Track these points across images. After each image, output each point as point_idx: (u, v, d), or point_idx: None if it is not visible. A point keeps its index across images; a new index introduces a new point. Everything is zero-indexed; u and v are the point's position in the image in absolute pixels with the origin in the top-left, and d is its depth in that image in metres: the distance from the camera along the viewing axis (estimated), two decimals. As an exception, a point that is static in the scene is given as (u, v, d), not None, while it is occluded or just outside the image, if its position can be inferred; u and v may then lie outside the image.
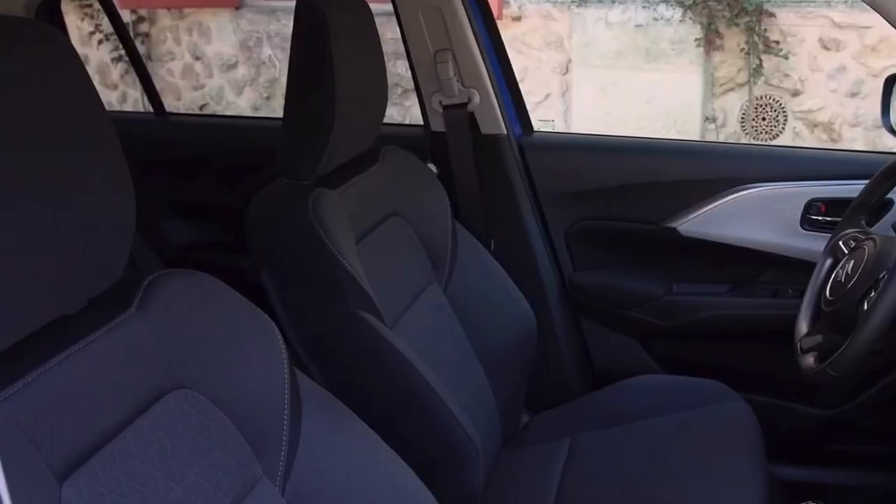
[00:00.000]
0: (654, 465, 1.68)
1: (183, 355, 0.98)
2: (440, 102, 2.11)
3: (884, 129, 2.05)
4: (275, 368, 1.06)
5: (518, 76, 2.29)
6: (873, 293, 1.38)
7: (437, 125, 2.15)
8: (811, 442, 2.15)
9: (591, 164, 2.15)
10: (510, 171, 2.12)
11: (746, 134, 5.41)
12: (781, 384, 2.14)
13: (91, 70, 6.70)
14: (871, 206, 1.67)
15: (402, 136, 2.20)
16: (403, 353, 1.43)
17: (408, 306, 1.63)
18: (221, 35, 6.57)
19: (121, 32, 2.77)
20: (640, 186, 2.09)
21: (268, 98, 6.52)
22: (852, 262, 1.50)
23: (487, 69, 2.09)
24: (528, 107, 2.29)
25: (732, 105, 5.45)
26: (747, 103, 5.39)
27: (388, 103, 1.76)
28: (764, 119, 5.37)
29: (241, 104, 6.65)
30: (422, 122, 2.23)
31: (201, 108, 6.71)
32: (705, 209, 2.02)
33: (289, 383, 1.06)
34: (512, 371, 1.85)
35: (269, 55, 6.45)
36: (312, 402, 1.10)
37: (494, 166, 2.13)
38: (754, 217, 1.99)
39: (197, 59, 6.70)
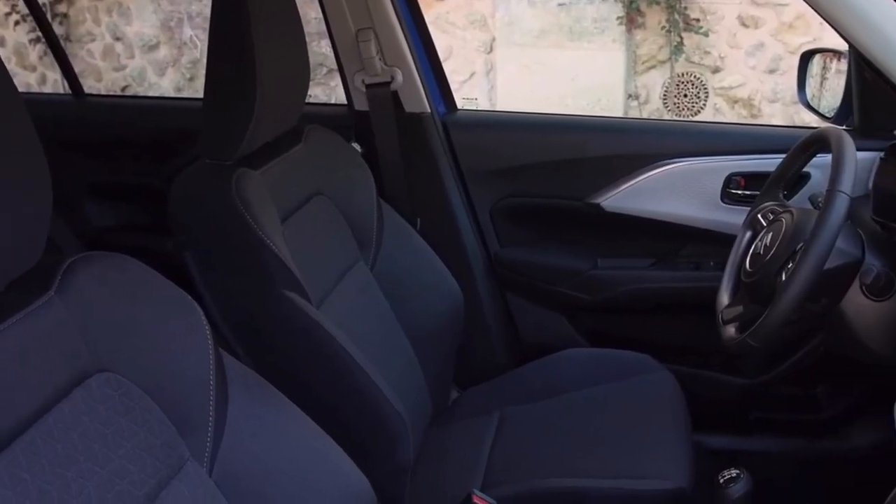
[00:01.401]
0: (581, 436, 1.70)
1: (104, 338, 0.96)
2: (363, 81, 2.10)
3: (801, 104, 2.11)
4: (199, 350, 1.05)
5: (442, 55, 2.28)
6: (791, 264, 1.41)
7: (361, 104, 2.14)
8: (734, 411, 2.19)
9: (515, 141, 2.16)
10: (434, 150, 2.12)
11: (669, 110, 5.49)
12: (705, 355, 2.18)
13: (7, 52, 6.51)
14: (789, 180, 1.71)
15: (326, 116, 2.19)
16: (330, 331, 1.43)
17: (334, 285, 1.62)
18: (142, 15, 6.43)
19: (36, 13, 2.70)
20: (564, 163, 2.11)
21: (191, 79, 6.41)
22: (770, 234, 1.53)
23: (410, 48, 2.08)
24: (454, 86, 2.29)
25: (654, 82, 5.51)
26: (669, 80, 5.47)
27: (314, 83, 1.75)
28: (685, 96, 5.45)
29: (164, 85, 6.52)
30: (346, 102, 2.22)
31: (123, 89, 6.57)
32: (628, 184, 2.04)
33: (214, 364, 1.05)
34: (440, 347, 1.86)
35: (191, 35, 6.33)
36: (239, 382, 1.09)
37: (418, 145, 2.13)
38: (676, 192, 2.02)
39: (117, 39, 6.54)
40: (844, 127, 1.96)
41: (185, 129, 1.64)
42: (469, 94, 5.59)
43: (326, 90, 5.70)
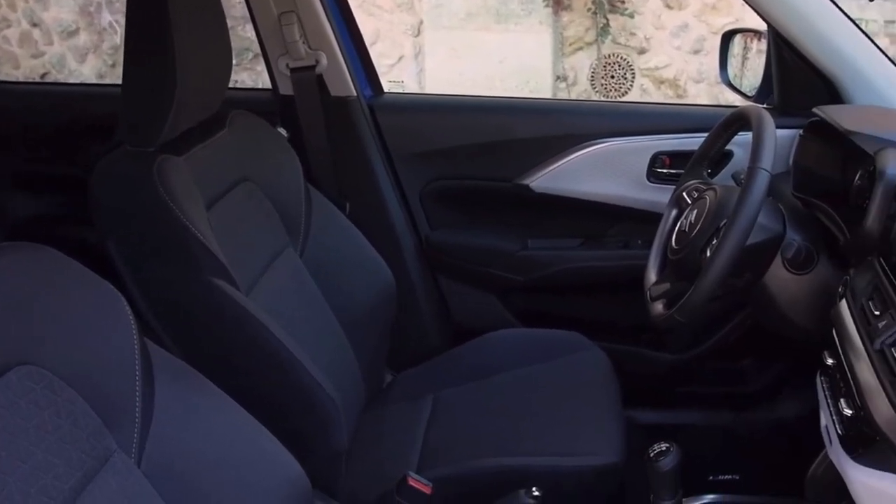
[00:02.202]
0: (516, 415, 1.71)
1: (25, 330, 0.94)
2: (287, 65, 2.08)
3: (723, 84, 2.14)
4: (123, 340, 1.03)
5: (369, 39, 2.27)
6: (715, 241, 1.43)
7: (286, 88, 2.12)
8: (664, 386, 2.23)
9: (443, 124, 2.16)
10: (361, 133, 2.11)
11: (596, 92, 5.54)
12: (635, 332, 2.21)
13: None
14: (712, 158, 1.74)
15: (251, 101, 2.16)
16: (259, 318, 1.42)
17: (263, 272, 1.61)
18: (59, 0, 6.26)
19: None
20: (492, 145, 2.11)
21: (112, 65, 6.26)
22: (695, 211, 1.55)
23: (334, 31, 2.06)
24: (382, 69, 2.28)
25: (582, 64, 5.55)
26: (596, 62, 5.51)
27: (240, 68, 1.73)
28: (612, 77, 5.50)
29: (85, 72, 6.36)
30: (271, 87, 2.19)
31: (42, 76, 6.39)
32: (556, 165, 2.06)
33: (139, 354, 1.03)
34: (372, 331, 1.86)
35: (110, 21, 6.18)
36: (165, 372, 1.07)
37: (345, 128, 2.11)
38: (603, 171, 2.04)
39: (34, 25, 6.36)
40: (765, 105, 2.00)
41: (108, 115, 1.60)
42: (398, 78, 5.57)
43: (253, 75, 5.62)
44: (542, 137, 2.08)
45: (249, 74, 5.59)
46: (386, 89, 2.28)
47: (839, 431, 1.25)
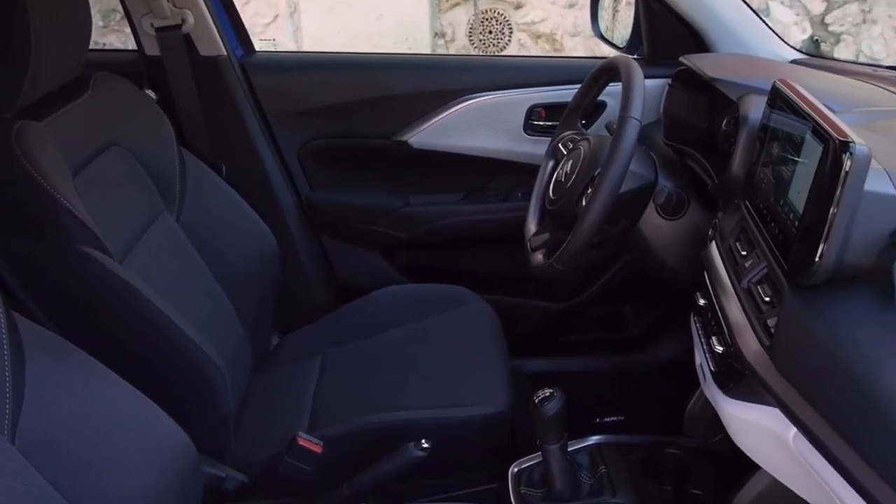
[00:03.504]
0: (404, 370, 1.72)
1: None
2: (152, 25, 2.01)
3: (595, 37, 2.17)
4: None
5: (241, -2, 2.21)
6: (590, 190, 1.46)
7: (152, 49, 2.05)
8: (549, 334, 2.28)
9: (318, 82, 2.13)
10: (234, 94, 2.07)
11: (475, 47, 5.55)
12: (518, 283, 2.25)
13: None
14: (585, 109, 1.77)
15: (117, 63, 2.08)
16: (135, 286, 1.38)
17: (137, 238, 1.56)
18: None
19: None
20: (369, 102, 2.10)
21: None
22: (570, 162, 1.58)
23: None
24: (257, 29, 2.24)
25: (460, 20, 5.55)
26: (473, 17, 5.51)
27: (107, 30, 1.66)
28: (490, 32, 5.51)
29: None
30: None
31: None
32: (434, 121, 2.06)
33: (6, 329, 0.99)
34: (255, 294, 1.83)
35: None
36: (35, 345, 1.04)
37: (217, 89, 2.06)
38: (481, 125, 2.06)
39: None
40: (635, 56, 2.04)
41: None
42: (274, 37, 5.46)
43: (122, 37, 5.41)
44: (419, 93, 2.08)
45: (118, 37, 5.39)
46: (257, 48, 2.23)
47: (712, 368, 1.30)
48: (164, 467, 1.08)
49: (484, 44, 5.53)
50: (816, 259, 0.98)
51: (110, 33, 5.27)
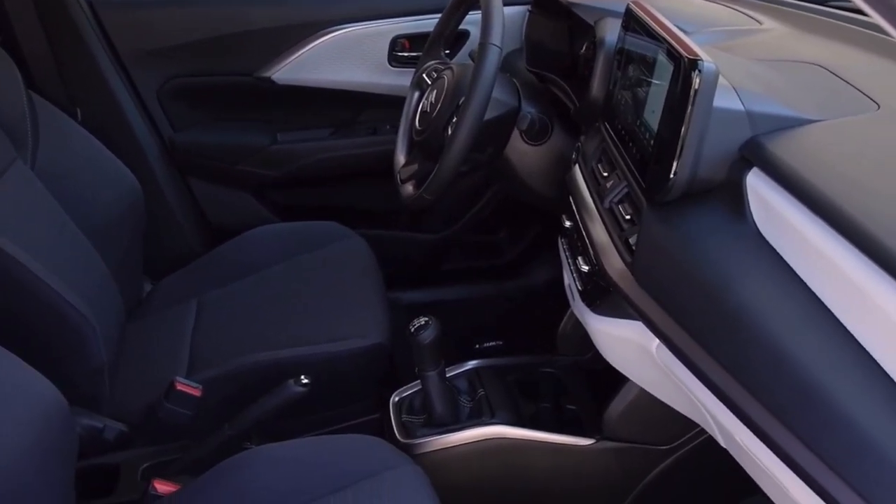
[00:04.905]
0: (281, 309, 1.72)
1: None
2: None
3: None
4: None
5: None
6: (455, 119, 1.47)
7: None
8: (425, 265, 2.30)
9: (174, 17, 2.06)
10: (84, 34, 1.98)
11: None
12: (392, 216, 2.26)
13: None
14: (448, 38, 1.76)
15: None
16: None
17: None
18: None
19: None
20: (228, 38, 2.04)
21: None
22: (435, 91, 1.58)
23: None
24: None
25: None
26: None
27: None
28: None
29: None
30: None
31: None
32: (297, 55, 2.03)
33: None
34: (121, 240, 1.78)
35: None
36: None
37: (65, 29, 1.97)
38: (345, 58, 2.04)
39: None
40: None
41: None
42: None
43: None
44: (279, 27, 2.03)
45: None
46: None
47: (579, 287, 1.34)
48: (31, 422, 1.05)
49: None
50: (671, 176, 1.02)
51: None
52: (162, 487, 1.33)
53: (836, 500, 0.76)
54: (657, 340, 1.06)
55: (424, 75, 1.71)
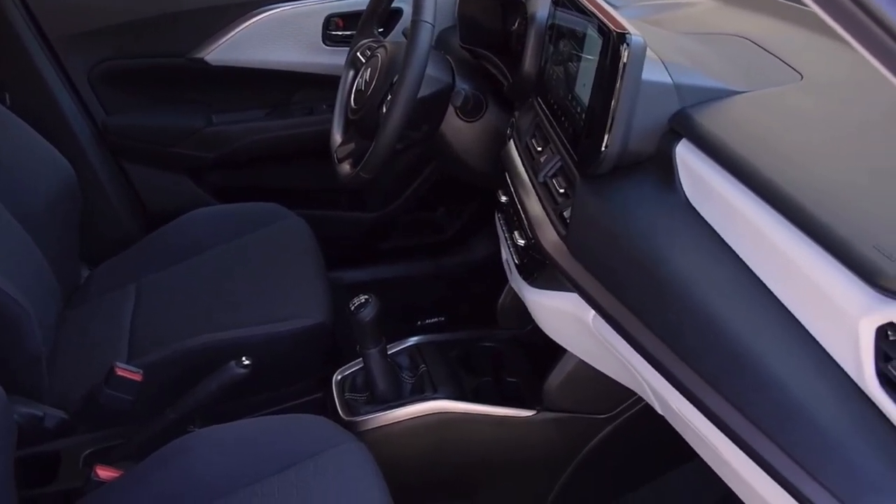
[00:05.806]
0: (222, 291, 1.71)
1: None
2: None
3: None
4: None
5: None
6: (389, 97, 1.48)
7: None
8: (365, 244, 2.31)
9: None
10: (9, 15, 1.93)
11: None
12: (331, 196, 2.25)
13: None
14: (381, 16, 1.76)
15: None
16: None
17: None
18: None
19: None
20: (159, 19, 2.01)
21: None
22: (369, 70, 1.58)
23: None
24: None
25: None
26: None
27: None
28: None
29: None
30: None
31: None
32: (229, 35, 2.00)
33: None
34: (55, 226, 1.75)
35: None
36: None
37: None
38: (278, 38, 2.02)
39: None
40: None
41: None
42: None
43: None
44: (212, 7, 2.01)
45: None
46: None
47: (516, 261, 1.36)
48: None
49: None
50: (602, 149, 1.04)
51: None
52: (104, 473, 1.32)
53: (768, 462, 0.78)
54: (593, 311, 1.08)
55: (359, 54, 1.71)
